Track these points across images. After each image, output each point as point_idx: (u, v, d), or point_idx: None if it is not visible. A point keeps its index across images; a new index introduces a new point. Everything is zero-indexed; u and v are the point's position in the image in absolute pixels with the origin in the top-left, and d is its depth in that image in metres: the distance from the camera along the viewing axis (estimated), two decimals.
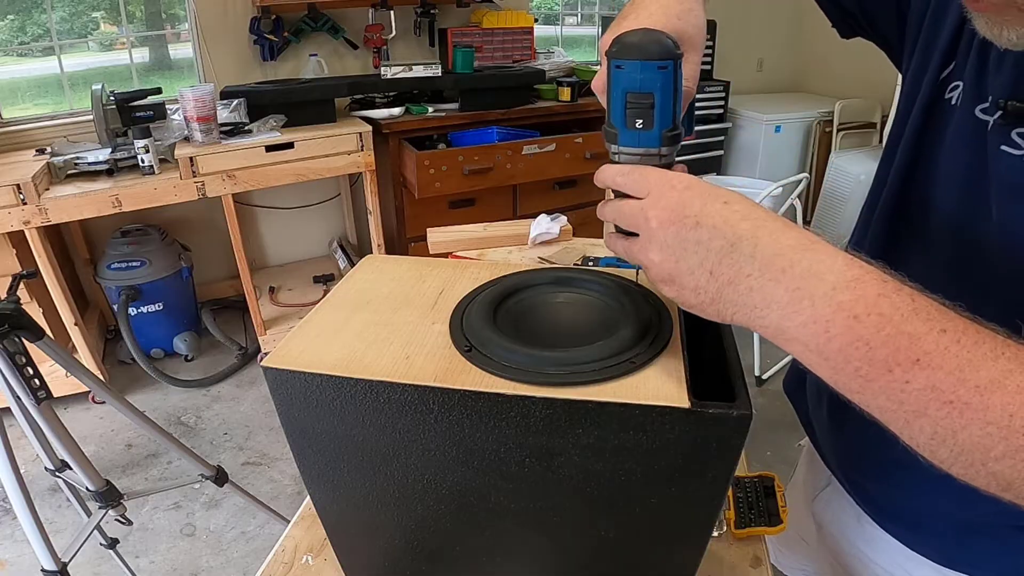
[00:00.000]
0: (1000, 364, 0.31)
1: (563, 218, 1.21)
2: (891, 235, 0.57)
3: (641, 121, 0.42)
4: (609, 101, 0.43)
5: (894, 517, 0.62)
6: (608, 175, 0.42)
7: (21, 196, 1.94)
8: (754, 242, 0.35)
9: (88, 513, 1.38)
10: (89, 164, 2.13)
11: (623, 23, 0.48)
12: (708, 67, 3.57)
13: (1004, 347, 0.32)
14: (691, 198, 0.37)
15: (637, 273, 0.51)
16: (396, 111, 2.60)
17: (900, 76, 0.61)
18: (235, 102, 2.36)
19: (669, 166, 0.43)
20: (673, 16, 0.48)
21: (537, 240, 1.17)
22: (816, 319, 0.33)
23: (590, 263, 1.07)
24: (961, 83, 0.50)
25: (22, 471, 1.11)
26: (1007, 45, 0.40)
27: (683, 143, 0.46)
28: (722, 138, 3.66)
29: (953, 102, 0.51)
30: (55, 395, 1.18)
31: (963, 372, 0.31)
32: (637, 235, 0.40)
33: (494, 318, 0.48)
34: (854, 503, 0.66)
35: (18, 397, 1.09)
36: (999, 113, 0.46)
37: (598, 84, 0.44)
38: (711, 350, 0.46)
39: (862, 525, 0.66)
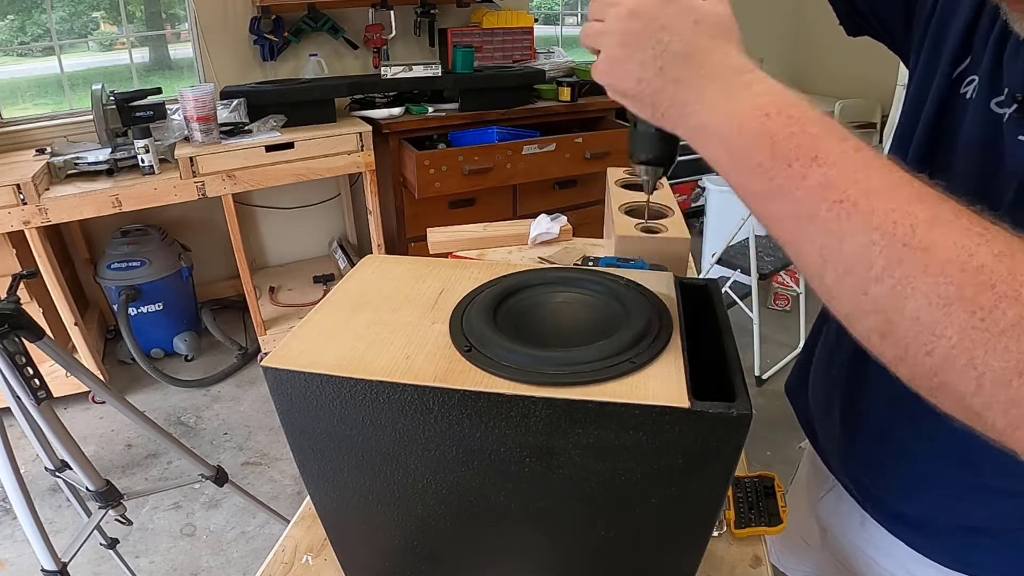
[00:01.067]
0: (894, 176, 0.32)
1: (563, 218, 1.21)
2: None
3: None
4: None
5: (900, 519, 0.62)
6: None
7: (21, 196, 1.94)
8: (708, 54, 0.39)
9: (88, 513, 1.38)
10: (89, 164, 2.13)
11: None
12: None
13: (899, 165, 0.33)
14: (666, 5, 0.39)
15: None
16: (396, 111, 2.60)
17: (905, 72, 0.61)
18: (235, 102, 2.36)
19: None
20: None
21: (537, 240, 1.17)
22: (733, 113, 0.36)
23: (590, 263, 1.06)
24: (977, 77, 0.50)
25: (22, 471, 1.11)
26: None
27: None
28: None
29: (968, 96, 0.51)
30: (55, 395, 1.18)
31: (857, 174, 0.32)
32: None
33: (494, 318, 0.48)
34: (858, 506, 0.66)
35: (18, 397, 1.09)
36: (1015, 106, 0.46)
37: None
38: (711, 350, 0.45)
39: (867, 528, 0.66)
